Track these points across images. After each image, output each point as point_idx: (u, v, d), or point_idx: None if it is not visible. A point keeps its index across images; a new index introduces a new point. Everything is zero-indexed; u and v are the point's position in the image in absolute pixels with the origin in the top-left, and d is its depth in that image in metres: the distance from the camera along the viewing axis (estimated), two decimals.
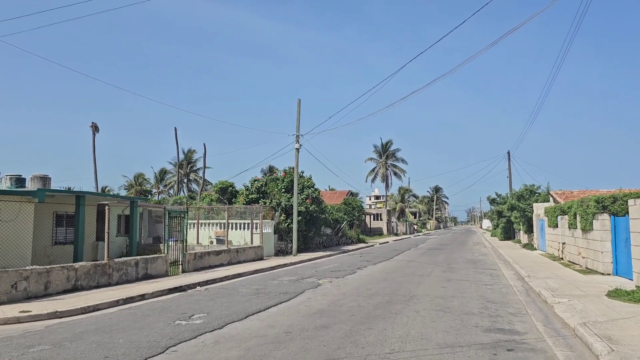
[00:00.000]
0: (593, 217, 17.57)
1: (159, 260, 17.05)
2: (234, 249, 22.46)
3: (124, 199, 24.64)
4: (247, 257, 23.47)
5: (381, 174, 75.36)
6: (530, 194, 34.24)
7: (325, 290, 13.87)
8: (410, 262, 23.74)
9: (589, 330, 8.36)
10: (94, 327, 9.18)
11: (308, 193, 31.23)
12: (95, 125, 45.64)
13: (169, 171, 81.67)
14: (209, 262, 20.16)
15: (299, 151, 28.69)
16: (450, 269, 20.36)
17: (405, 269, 20.14)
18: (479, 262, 23.77)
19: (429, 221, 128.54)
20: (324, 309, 10.87)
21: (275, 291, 13.80)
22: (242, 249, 23.27)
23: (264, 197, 31.30)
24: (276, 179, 32.35)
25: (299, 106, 28.80)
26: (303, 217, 30.47)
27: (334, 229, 40.36)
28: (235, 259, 22.41)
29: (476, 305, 11.27)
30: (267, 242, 27.22)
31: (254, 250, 24.41)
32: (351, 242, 43.26)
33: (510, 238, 49.30)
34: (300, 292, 13.47)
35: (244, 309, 10.83)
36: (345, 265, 22.16)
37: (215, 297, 12.95)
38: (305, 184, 32.04)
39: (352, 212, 46.58)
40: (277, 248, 28.55)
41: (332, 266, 21.96)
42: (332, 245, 38.57)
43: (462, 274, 18.40)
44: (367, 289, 14.01)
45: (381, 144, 76.72)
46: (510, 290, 14.00)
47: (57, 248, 22.09)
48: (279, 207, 30.25)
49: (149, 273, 16.43)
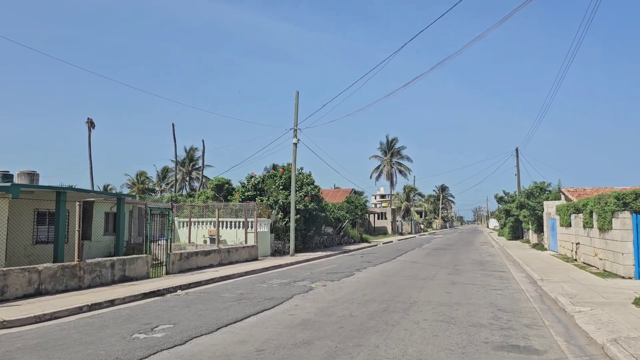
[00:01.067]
0: (612, 215, 16.07)
1: (139, 261, 15.73)
2: (225, 249, 21.13)
3: (110, 195, 23.41)
4: (239, 258, 22.13)
5: (386, 171, 73.86)
6: (541, 192, 32.68)
7: (316, 296, 12.49)
8: (414, 264, 22.32)
9: (622, 349, 6.92)
10: (35, 341, 7.84)
11: (307, 190, 29.86)
12: (91, 121, 44.48)
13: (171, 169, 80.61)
14: (196, 263, 18.83)
15: (296, 146, 27.33)
16: (455, 271, 18.92)
17: (408, 271, 18.73)
18: (487, 264, 22.31)
19: (435, 220, 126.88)
20: (310, 318, 9.48)
21: (261, 296, 12.44)
22: (235, 249, 21.93)
23: (261, 195, 29.97)
24: (274, 175, 31.00)
25: (297, 99, 27.43)
26: (302, 215, 29.11)
27: (335, 228, 38.98)
28: (227, 259, 21.07)
29: (485, 315, 9.84)
30: (263, 241, 25.88)
31: (248, 250, 23.06)
32: (353, 242, 41.86)
33: (518, 238, 47.72)
34: (288, 298, 12.09)
35: (218, 319, 9.46)
36: (343, 267, 20.77)
37: (192, 303, 11.60)
38: (304, 181, 30.67)
39: (355, 211, 45.16)
40: (274, 248, 27.20)
41: (329, 267, 20.58)
42: (334, 244, 37.18)
43: (469, 276, 16.97)
44: (363, 294, 12.61)
45: (386, 142, 75.27)
46: (522, 296, 12.56)
47: (39, 247, 20.84)
48: (276, 205, 28.90)
49: (127, 275, 15.11)
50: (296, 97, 27.45)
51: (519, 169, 48.98)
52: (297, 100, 27.44)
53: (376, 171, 75.42)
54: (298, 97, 27.45)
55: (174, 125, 44.55)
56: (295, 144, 27.22)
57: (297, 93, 27.50)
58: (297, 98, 27.45)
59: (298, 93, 27.49)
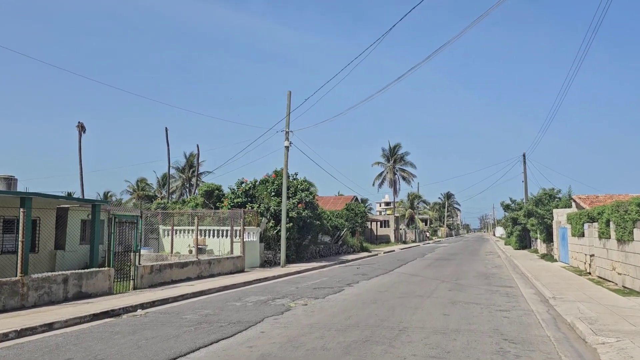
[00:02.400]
0: (634, 224, 14.21)
1: (99, 275, 14.01)
2: (206, 261, 19.38)
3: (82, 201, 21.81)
4: (223, 270, 20.37)
5: (389, 178, 71.98)
6: (550, 199, 30.77)
7: (291, 319, 10.70)
8: (412, 277, 20.48)
9: None
10: None
11: (301, 197, 28.11)
12: (82, 125, 42.99)
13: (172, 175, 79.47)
14: (171, 276, 17.10)
15: (288, 149, 25.61)
16: (457, 286, 17.08)
17: (404, 286, 16.90)
18: (492, 277, 20.45)
19: (440, 228, 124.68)
20: (272, 352, 7.71)
21: (227, 319, 10.67)
22: (217, 260, 20.18)
23: (252, 202, 28.26)
24: (265, 181, 29.28)
25: (289, 99, 25.77)
26: (295, 223, 27.35)
27: (333, 236, 37.16)
28: (208, 272, 19.32)
29: (488, 348, 8.03)
30: (251, 251, 24.12)
31: (232, 261, 21.30)
32: (353, 251, 40.01)
33: (525, 247, 45.71)
34: (256, 322, 10.32)
35: (158, 353, 7.69)
36: (334, 280, 18.97)
37: (143, 327, 9.86)
38: (298, 187, 28.94)
39: (355, 219, 43.33)
40: (264, 258, 25.43)
41: (319, 281, 18.79)
42: (331, 254, 35.36)
43: (472, 293, 15.13)
44: (345, 317, 10.82)
45: (389, 147, 73.45)
46: (533, 320, 10.72)
47: (5, 258, 19.20)
48: (268, 212, 27.16)
49: (84, 291, 13.39)
50: (288, 97, 25.80)
51: (526, 175, 47.05)
52: (289, 101, 25.78)
53: (379, 178, 73.56)
54: (290, 98, 25.80)
55: (167, 130, 43.15)
56: (287, 147, 25.51)
57: (289, 93, 25.85)
58: (290, 98, 25.79)
59: (290, 93, 25.85)
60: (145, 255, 23.88)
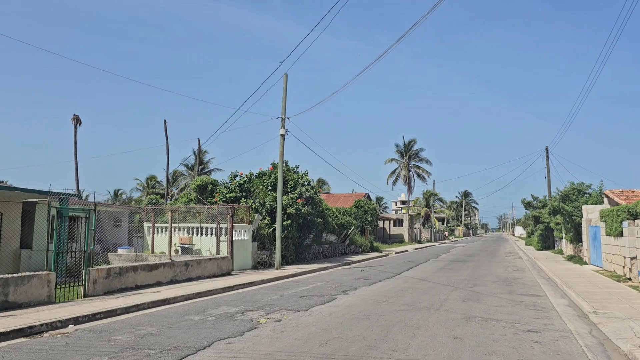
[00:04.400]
0: None
1: (34, 280, 11.56)
2: (182, 262, 16.87)
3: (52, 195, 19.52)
4: (203, 273, 17.86)
5: (403, 175, 68.91)
6: (578, 195, 27.64)
7: (248, 344, 8.09)
8: (421, 282, 17.73)
9: None
10: None
11: (300, 191, 25.48)
12: (77, 118, 40.91)
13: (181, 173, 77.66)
14: (135, 280, 14.61)
15: (284, 138, 23.00)
16: (473, 294, 14.31)
17: (409, 295, 14.18)
18: (515, 283, 17.61)
19: (458, 228, 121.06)
20: None
21: (165, 343, 8.11)
22: (197, 262, 17.66)
23: (247, 196, 25.73)
24: (262, 174, 26.72)
25: (285, 82, 23.15)
26: (294, 220, 24.76)
27: (339, 235, 34.46)
28: (184, 275, 16.82)
29: None
30: (242, 251, 21.59)
31: (216, 263, 18.77)
32: (361, 251, 37.26)
33: (549, 247, 42.45)
34: (200, 348, 7.73)
35: None
36: (329, 286, 16.31)
37: (49, 354, 7.35)
38: (298, 181, 26.32)
39: (364, 217, 40.54)
40: (257, 259, 22.86)
41: (311, 287, 16.15)
42: (336, 255, 32.66)
43: (491, 304, 12.36)
44: (322, 342, 8.17)
45: (403, 143, 70.34)
46: (574, 348, 7.95)
47: None
48: (263, 209, 24.59)
49: (10, 300, 10.94)
50: (285, 80, 23.18)
51: (549, 170, 43.75)
52: (286, 84, 23.16)
53: (392, 175, 70.51)
54: (287, 81, 23.18)
55: (165, 123, 40.87)
56: (283, 136, 22.90)
57: (285, 76, 23.23)
58: (286, 82, 23.17)
59: (287, 76, 23.22)
60: (123, 256, 21.54)
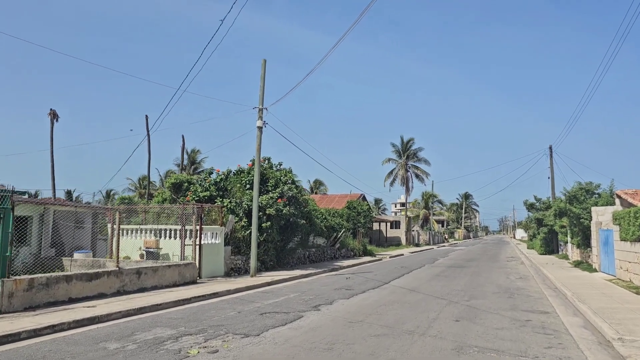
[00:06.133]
0: None
1: None
2: (132, 270, 14.57)
3: None
4: (161, 282, 15.56)
5: (401, 175, 66.54)
6: (587, 195, 25.35)
7: None
8: (410, 294, 15.43)
9: None
10: None
11: (282, 190, 23.20)
12: (54, 113, 38.63)
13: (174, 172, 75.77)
14: (68, 292, 12.31)
15: (262, 130, 20.72)
16: (469, 311, 12.01)
17: (392, 312, 11.87)
18: (518, 295, 15.31)
19: (457, 230, 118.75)
20: None
21: None
22: (152, 270, 15.37)
23: (224, 196, 23.47)
24: (240, 171, 24.44)
25: (264, 68, 20.88)
26: (275, 222, 22.49)
27: (328, 238, 32.16)
28: (136, 285, 14.52)
29: None
30: (212, 256, 19.31)
31: (178, 270, 16.47)
32: (353, 255, 34.95)
33: (552, 252, 40.10)
34: None
35: None
36: (302, 299, 14.02)
37: None
38: (281, 179, 24.05)
39: (357, 218, 38.24)
40: (231, 265, 20.57)
41: (280, 300, 13.85)
42: (325, 259, 30.35)
43: (490, 326, 10.06)
44: None
45: (401, 143, 67.97)
46: None
47: None
48: (240, 209, 22.33)
49: None
50: (263, 66, 20.91)
51: (552, 170, 41.45)
52: (264, 71, 20.89)
53: (390, 176, 68.10)
54: (265, 67, 20.91)
55: (147, 118, 38.59)
56: (260, 128, 20.62)
57: (264, 62, 20.96)
58: (264, 68, 20.90)
59: (265, 62, 20.95)
60: (79, 261, 19.26)
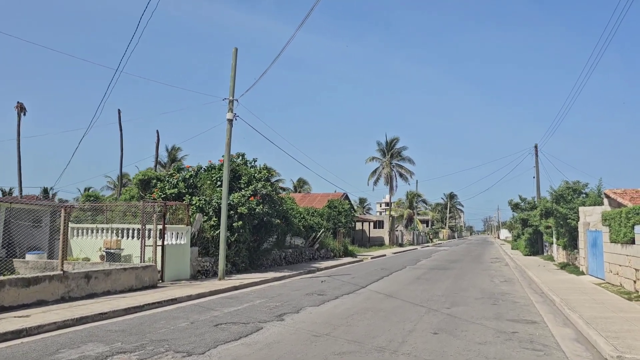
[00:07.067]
0: None
1: None
2: (80, 274, 13.15)
3: None
4: (115, 286, 14.15)
5: (385, 174, 65.49)
6: (574, 194, 24.42)
7: None
8: (387, 299, 14.22)
9: None
10: None
11: (256, 188, 21.88)
12: (21, 106, 36.82)
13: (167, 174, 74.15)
14: (1, 300, 10.87)
15: (232, 123, 19.38)
16: (449, 320, 10.82)
17: (363, 322, 10.64)
18: (503, 300, 14.19)
19: (442, 230, 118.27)
20: None
21: None
22: (105, 273, 13.95)
23: (194, 193, 22.09)
24: (211, 167, 23.07)
25: (235, 58, 19.54)
26: (248, 221, 21.17)
27: (307, 238, 30.88)
28: (84, 290, 13.11)
29: None
30: (177, 258, 17.94)
31: (135, 273, 15.06)
32: (333, 256, 33.73)
33: (537, 253, 39.28)
34: None
35: None
36: (267, 306, 12.73)
37: None
38: (254, 176, 22.72)
39: (338, 218, 37.04)
40: (198, 267, 19.20)
41: (243, 307, 12.55)
42: (302, 260, 29.07)
43: (472, 339, 8.88)
44: None
45: (385, 141, 66.91)
46: None
47: None
48: (210, 207, 20.98)
49: None
50: (234, 55, 19.58)
51: (538, 169, 40.66)
52: (235, 61, 19.55)
53: (374, 175, 66.99)
54: (236, 56, 19.58)
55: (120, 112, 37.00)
56: (230, 121, 19.27)
57: (235, 50, 19.61)
58: (235, 57, 19.57)
59: (236, 50, 19.62)
60: (31, 262, 17.75)
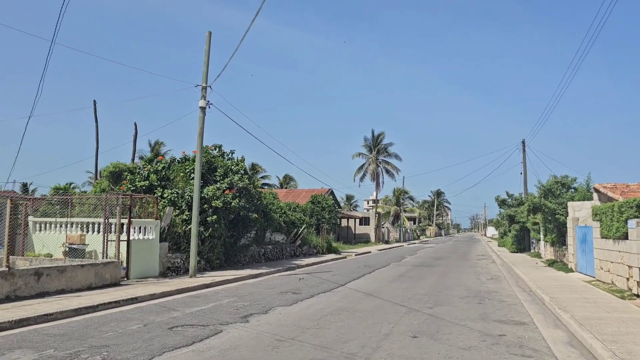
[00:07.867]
0: None
1: None
2: (30, 271, 12.00)
3: None
4: (71, 284, 13.01)
5: (371, 170, 64.68)
6: (563, 189, 23.68)
7: None
8: (366, 298, 13.26)
9: None
10: None
11: (232, 181, 20.79)
12: None
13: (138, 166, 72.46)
14: None
15: (205, 111, 18.26)
16: (431, 322, 9.87)
17: (336, 325, 9.64)
18: (490, 299, 13.30)
19: (429, 227, 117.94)
20: None
21: None
22: (59, 270, 12.79)
23: (167, 186, 20.94)
24: (185, 159, 21.92)
25: (209, 42, 18.42)
26: (222, 216, 20.09)
27: (288, 234, 29.85)
28: (35, 289, 11.96)
29: None
30: (145, 254, 16.82)
31: (95, 270, 13.92)
32: (316, 253, 32.73)
33: (524, 250, 38.69)
34: None
35: None
36: (234, 307, 11.69)
37: None
38: (231, 168, 21.63)
39: (321, 213, 36.04)
40: (168, 264, 18.09)
41: (207, 308, 11.50)
42: (283, 257, 28.04)
43: (454, 344, 7.93)
44: None
45: (372, 137, 66.08)
46: None
47: None
48: (182, 200, 19.86)
49: None
50: (207, 39, 18.46)
51: (525, 165, 40.02)
52: (209, 45, 18.43)
53: (360, 171, 66.15)
54: (210, 40, 18.46)
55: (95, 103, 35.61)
56: (203, 108, 18.16)
57: (209, 34, 18.49)
58: (209, 41, 18.45)
59: (210, 34, 18.50)
60: None
